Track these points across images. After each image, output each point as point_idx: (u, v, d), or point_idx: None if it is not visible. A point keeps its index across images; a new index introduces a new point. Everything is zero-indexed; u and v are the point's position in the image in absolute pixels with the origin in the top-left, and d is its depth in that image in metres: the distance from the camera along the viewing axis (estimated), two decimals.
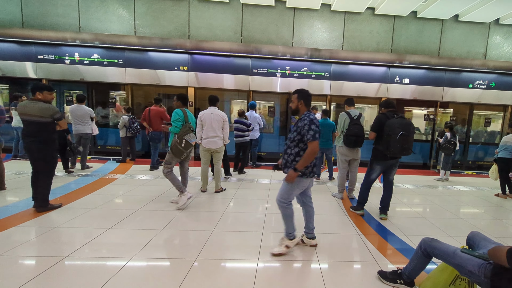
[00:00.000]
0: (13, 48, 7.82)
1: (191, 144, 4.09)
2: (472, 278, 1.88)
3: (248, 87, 8.24)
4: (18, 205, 3.93)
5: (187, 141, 4.03)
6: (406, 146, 3.62)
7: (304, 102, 2.88)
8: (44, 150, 3.67)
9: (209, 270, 2.53)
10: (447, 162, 6.95)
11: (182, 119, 4.13)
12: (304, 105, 2.88)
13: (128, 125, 7.01)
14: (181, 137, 3.99)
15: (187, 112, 4.25)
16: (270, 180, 6.05)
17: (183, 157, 4.13)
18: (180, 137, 3.99)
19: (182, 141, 3.99)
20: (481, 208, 4.83)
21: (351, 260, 2.87)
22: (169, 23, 8.08)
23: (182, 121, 4.12)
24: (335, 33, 8.34)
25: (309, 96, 2.92)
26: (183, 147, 4.01)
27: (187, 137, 4.03)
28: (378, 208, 4.12)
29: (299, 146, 2.78)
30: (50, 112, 3.67)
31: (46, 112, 3.64)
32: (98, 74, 8.01)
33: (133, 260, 2.62)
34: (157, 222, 3.52)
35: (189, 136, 4.05)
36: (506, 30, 8.58)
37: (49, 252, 2.70)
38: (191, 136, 4.09)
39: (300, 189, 2.87)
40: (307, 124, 2.71)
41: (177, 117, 4.11)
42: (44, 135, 3.66)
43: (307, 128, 2.69)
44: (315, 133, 2.68)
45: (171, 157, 4.08)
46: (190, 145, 4.09)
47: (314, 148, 2.68)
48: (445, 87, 8.58)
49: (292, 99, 2.93)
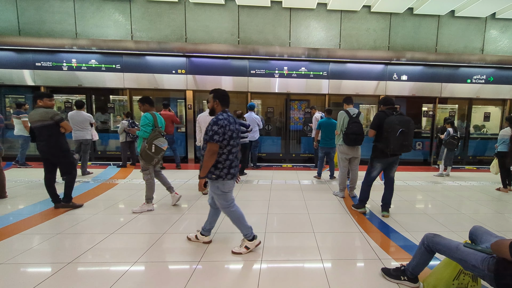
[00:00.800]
0: (10, 56, 7.83)
1: (161, 148, 3.92)
2: (475, 272, 1.88)
3: (247, 88, 8.24)
4: (22, 212, 3.94)
5: (157, 146, 3.86)
6: (406, 143, 3.62)
7: (220, 102, 2.83)
8: (58, 152, 4.04)
9: (212, 272, 2.53)
10: (450, 157, 6.95)
11: (152, 123, 3.95)
12: (220, 104, 2.83)
13: (128, 130, 7.01)
14: (151, 142, 3.82)
15: (156, 116, 4.08)
16: (271, 181, 6.05)
17: (154, 162, 3.95)
18: (150, 142, 3.82)
19: (152, 146, 3.81)
20: (482, 203, 4.83)
21: (354, 258, 2.86)
22: (165, 26, 8.09)
23: (152, 125, 3.94)
24: (332, 32, 8.36)
25: (225, 96, 2.86)
26: (153, 153, 3.85)
27: (156, 142, 3.87)
28: (379, 205, 4.12)
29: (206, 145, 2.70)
30: (50, 114, 3.92)
31: (45, 115, 3.90)
32: (96, 79, 8.01)
33: (136, 264, 2.62)
34: (159, 226, 3.52)
35: (159, 141, 3.89)
36: (503, 24, 8.59)
37: (53, 258, 2.70)
38: (161, 141, 3.93)
39: (228, 190, 2.80)
40: (210, 124, 2.66)
41: (147, 122, 3.91)
42: (53, 139, 3.97)
43: (209, 128, 2.64)
44: (214, 134, 2.60)
45: (144, 163, 3.96)
46: (160, 150, 3.91)
47: (211, 149, 2.61)
48: (443, 83, 8.59)
49: (209, 98, 2.89)
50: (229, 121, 2.72)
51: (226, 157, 2.73)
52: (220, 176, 2.71)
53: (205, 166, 2.65)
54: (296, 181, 6.06)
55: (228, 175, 2.74)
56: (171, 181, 4.48)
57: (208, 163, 2.64)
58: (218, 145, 2.63)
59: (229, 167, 2.75)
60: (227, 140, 2.68)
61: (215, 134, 2.61)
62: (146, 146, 3.82)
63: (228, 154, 2.74)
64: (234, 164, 2.84)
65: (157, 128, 3.96)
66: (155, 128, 3.95)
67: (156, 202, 4.44)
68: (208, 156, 2.62)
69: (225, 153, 2.71)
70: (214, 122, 2.65)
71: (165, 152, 4.01)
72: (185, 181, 5.92)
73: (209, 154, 2.62)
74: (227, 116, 2.76)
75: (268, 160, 8.72)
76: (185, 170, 7.23)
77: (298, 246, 3.08)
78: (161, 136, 3.96)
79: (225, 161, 2.72)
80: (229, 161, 2.76)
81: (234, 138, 2.78)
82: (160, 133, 3.97)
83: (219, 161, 2.69)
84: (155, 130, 3.91)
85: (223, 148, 2.69)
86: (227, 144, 2.70)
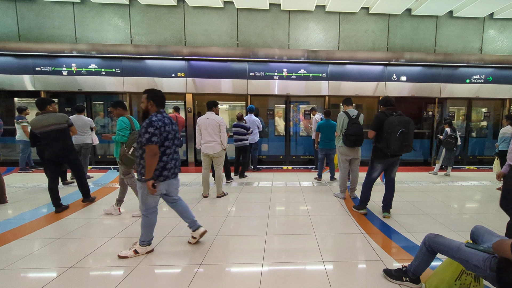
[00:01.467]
0: (10, 61, 7.85)
1: None
2: (477, 272, 1.87)
3: (246, 91, 8.26)
4: (22, 217, 3.93)
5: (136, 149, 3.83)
6: (406, 144, 3.62)
7: (155, 103, 2.78)
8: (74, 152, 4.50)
9: (213, 275, 2.52)
10: (449, 157, 6.97)
11: (130, 127, 3.87)
12: (154, 105, 2.78)
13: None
14: (129, 145, 3.68)
15: (132, 119, 3.98)
16: (271, 183, 6.04)
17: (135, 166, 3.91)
18: (129, 146, 3.68)
19: (131, 149, 3.67)
20: (483, 203, 4.82)
21: (356, 260, 2.85)
22: (165, 30, 8.12)
23: (129, 129, 3.85)
24: (331, 34, 8.38)
25: (160, 96, 2.82)
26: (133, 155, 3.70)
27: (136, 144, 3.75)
28: (380, 206, 4.11)
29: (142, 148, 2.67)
30: (66, 118, 4.36)
31: (62, 119, 4.29)
32: (96, 84, 8.03)
33: (137, 268, 2.61)
34: (160, 229, 3.51)
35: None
36: (501, 24, 8.61)
37: (54, 263, 2.70)
38: None
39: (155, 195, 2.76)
40: (144, 127, 2.61)
41: (124, 126, 3.82)
42: (69, 140, 4.39)
43: (144, 130, 2.59)
44: (151, 136, 2.56)
45: (125, 168, 3.88)
46: None
47: (151, 151, 2.57)
48: (442, 83, 8.60)
49: (142, 99, 2.83)
50: (164, 122, 2.69)
51: (159, 159, 2.69)
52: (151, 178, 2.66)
53: (148, 168, 2.60)
54: (297, 183, 6.05)
55: (160, 177, 2.71)
56: None
57: (151, 165, 2.59)
58: (157, 146, 2.60)
59: (162, 168, 2.72)
60: (161, 141, 2.66)
61: (153, 135, 2.58)
62: (126, 150, 3.71)
63: (161, 156, 2.70)
64: (170, 166, 2.79)
65: (135, 131, 3.83)
66: (133, 131, 3.84)
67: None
68: (150, 158, 2.58)
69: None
70: (148, 124, 2.60)
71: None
72: (186, 184, 5.92)
73: (150, 156, 2.58)
74: (162, 117, 2.72)
75: (268, 162, 8.72)
76: (186, 173, 7.22)
77: (299, 248, 3.07)
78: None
79: (158, 163, 2.68)
80: (163, 162, 2.72)
81: (169, 139, 2.74)
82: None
83: None
84: (133, 133, 3.77)
85: None
86: (160, 145, 2.67)
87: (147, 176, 2.61)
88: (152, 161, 2.60)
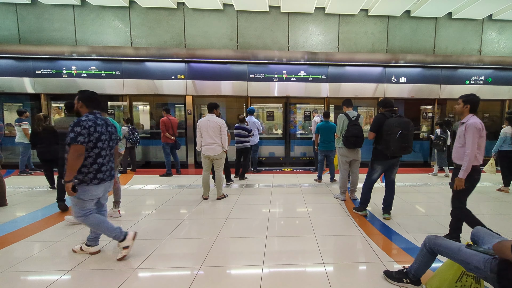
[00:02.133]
0: (10, 64, 7.88)
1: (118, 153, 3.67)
2: (478, 273, 1.87)
3: (246, 92, 8.27)
4: (22, 219, 3.93)
5: None
6: (405, 145, 3.62)
7: (85, 104, 2.74)
8: None
9: (214, 278, 2.51)
10: (441, 157, 7.08)
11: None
12: (85, 106, 2.74)
13: (128, 136, 7.02)
14: None
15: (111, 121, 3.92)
16: (271, 185, 6.04)
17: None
18: None
19: None
20: (483, 204, 4.81)
21: (356, 261, 2.85)
22: (165, 32, 8.14)
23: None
24: (330, 36, 8.40)
25: (91, 98, 2.77)
26: None
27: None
28: (381, 208, 4.11)
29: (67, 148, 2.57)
30: None
31: None
32: (96, 86, 8.03)
33: (138, 270, 2.61)
34: (160, 231, 3.51)
35: None
36: (500, 25, 8.64)
37: (54, 266, 2.70)
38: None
39: (89, 198, 2.68)
40: (71, 126, 2.53)
41: None
42: None
43: (70, 129, 2.52)
44: (78, 135, 2.49)
45: None
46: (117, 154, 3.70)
47: (76, 151, 2.49)
48: (442, 85, 8.61)
49: (75, 100, 2.79)
50: (95, 123, 2.64)
51: (93, 161, 2.64)
52: (84, 180, 2.60)
53: (70, 169, 2.49)
54: (297, 185, 6.05)
55: (94, 180, 2.65)
56: (171, 186, 4.47)
57: (73, 166, 2.50)
58: (83, 147, 2.53)
59: (96, 171, 2.66)
60: (93, 142, 2.60)
61: (79, 135, 2.50)
62: None
63: (96, 158, 2.65)
64: (105, 169, 2.74)
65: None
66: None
67: (156, 208, 4.43)
68: (73, 159, 2.49)
69: (91, 156, 2.63)
70: (76, 123, 2.54)
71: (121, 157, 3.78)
72: (186, 186, 5.91)
73: (74, 156, 2.49)
74: (94, 118, 2.67)
75: (268, 164, 8.72)
76: (186, 175, 7.22)
77: (299, 250, 3.07)
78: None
79: (91, 165, 2.63)
80: (98, 165, 2.67)
81: (103, 141, 2.69)
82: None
83: (84, 165, 2.59)
84: None
85: (89, 151, 2.61)
86: (93, 147, 2.62)
87: (67, 178, 2.49)
88: (76, 162, 2.51)
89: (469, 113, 3.09)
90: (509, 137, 5.44)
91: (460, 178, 3.02)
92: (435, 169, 7.28)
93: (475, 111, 3.10)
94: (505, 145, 5.48)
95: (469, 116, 3.06)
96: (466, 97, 3.15)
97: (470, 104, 3.09)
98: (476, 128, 2.91)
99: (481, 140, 2.99)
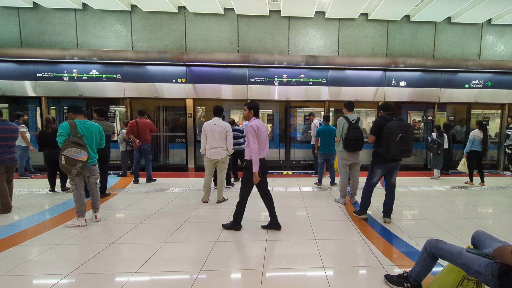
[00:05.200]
0: (12, 67, 7.91)
1: (74, 159, 3.55)
2: (479, 278, 1.86)
3: (246, 96, 8.29)
4: (22, 222, 3.92)
5: (68, 157, 3.52)
6: (406, 148, 3.62)
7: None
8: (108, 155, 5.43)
9: (213, 281, 2.50)
10: (436, 161, 7.14)
11: (67, 133, 3.65)
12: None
13: (128, 139, 7.02)
14: (61, 153, 3.53)
15: (76, 124, 3.76)
16: (271, 188, 6.02)
17: (73, 174, 3.63)
18: (60, 153, 3.53)
19: (62, 157, 3.51)
20: (484, 207, 4.80)
21: (357, 265, 2.84)
22: (165, 36, 8.18)
23: (66, 135, 3.63)
24: (330, 40, 8.44)
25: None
26: (66, 163, 3.53)
27: (66, 152, 3.52)
28: (381, 211, 4.10)
29: None
30: (113, 128, 5.51)
31: (111, 127, 5.42)
32: (97, 89, 8.08)
33: (137, 274, 2.60)
34: (160, 235, 3.51)
35: (69, 151, 3.52)
36: (499, 29, 8.68)
37: (53, 269, 2.69)
38: (73, 151, 3.55)
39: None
40: None
41: (61, 131, 3.63)
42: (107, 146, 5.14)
43: None
44: None
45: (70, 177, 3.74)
46: (74, 161, 3.55)
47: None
48: (441, 88, 8.64)
49: None
50: None
51: None
52: None
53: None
54: (297, 188, 6.04)
55: None
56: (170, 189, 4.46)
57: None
58: None
59: None
60: None
61: None
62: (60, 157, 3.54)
63: None
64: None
65: (69, 138, 3.62)
66: (68, 138, 3.62)
67: (156, 212, 4.42)
68: None
69: None
70: None
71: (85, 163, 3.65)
72: (186, 189, 5.90)
73: None
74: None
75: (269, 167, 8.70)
76: (186, 178, 7.21)
77: (299, 253, 3.06)
78: (74, 145, 3.58)
79: None
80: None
81: None
82: (75, 142, 3.60)
83: None
84: (66, 140, 3.58)
85: None
86: None
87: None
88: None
89: None
90: (477, 140, 6.33)
91: None
92: (435, 172, 7.28)
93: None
94: (474, 146, 6.38)
95: None
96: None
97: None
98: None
99: None
